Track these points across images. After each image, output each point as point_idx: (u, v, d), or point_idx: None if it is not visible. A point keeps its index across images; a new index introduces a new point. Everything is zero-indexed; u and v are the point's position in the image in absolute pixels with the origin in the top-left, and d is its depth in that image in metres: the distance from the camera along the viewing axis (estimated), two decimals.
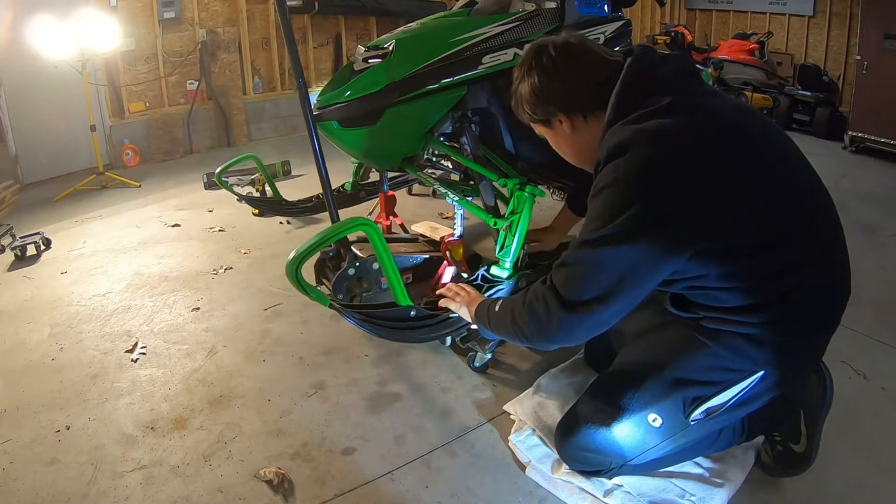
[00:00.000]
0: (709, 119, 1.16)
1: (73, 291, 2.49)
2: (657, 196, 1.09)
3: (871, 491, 1.40)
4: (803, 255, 1.18)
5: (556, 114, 1.30)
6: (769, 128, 1.26)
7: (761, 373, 1.22)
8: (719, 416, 1.27)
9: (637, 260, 1.10)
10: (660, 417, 1.28)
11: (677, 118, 1.13)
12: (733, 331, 1.21)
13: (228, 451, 1.57)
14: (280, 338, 2.11)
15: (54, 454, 1.56)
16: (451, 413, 1.71)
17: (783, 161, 1.23)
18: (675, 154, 1.11)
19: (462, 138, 2.12)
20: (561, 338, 1.21)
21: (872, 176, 3.91)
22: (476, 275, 1.95)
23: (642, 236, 1.08)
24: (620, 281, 1.11)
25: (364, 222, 1.59)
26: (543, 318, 1.19)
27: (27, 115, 3.91)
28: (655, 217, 1.09)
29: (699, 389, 1.25)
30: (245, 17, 4.87)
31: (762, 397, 1.28)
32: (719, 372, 1.24)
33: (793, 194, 1.20)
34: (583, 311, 1.14)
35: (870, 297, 2.25)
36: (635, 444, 1.32)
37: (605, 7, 2.18)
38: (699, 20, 6.81)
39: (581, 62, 1.26)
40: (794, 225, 1.18)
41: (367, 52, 2.08)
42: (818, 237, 1.22)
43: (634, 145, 1.11)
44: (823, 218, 1.25)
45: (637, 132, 1.13)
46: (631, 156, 1.10)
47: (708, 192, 1.10)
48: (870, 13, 4.33)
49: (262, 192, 3.39)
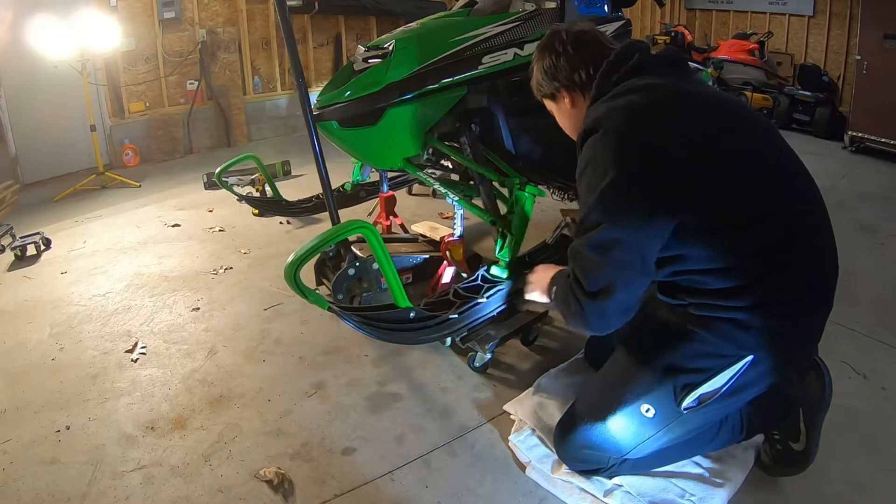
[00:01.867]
0: (678, 97, 1.26)
1: (73, 291, 2.49)
2: (628, 165, 1.18)
3: (871, 491, 1.40)
4: (785, 235, 1.21)
5: (561, 90, 1.45)
6: (747, 111, 1.35)
7: (750, 357, 1.23)
8: (713, 404, 1.28)
9: (629, 239, 1.17)
10: (653, 408, 1.31)
11: (647, 95, 1.24)
12: (720, 316, 1.23)
13: (228, 451, 1.57)
14: (280, 338, 2.11)
15: (54, 454, 1.56)
16: (451, 413, 1.71)
17: (763, 142, 1.28)
18: (643, 126, 1.21)
19: (462, 138, 2.13)
20: (597, 325, 1.26)
21: (872, 176, 3.91)
22: (476, 275, 1.95)
23: (625, 211, 1.17)
24: (623, 264, 1.17)
25: (362, 225, 1.59)
26: (576, 310, 1.25)
27: (27, 115, 3.91)
28: (631, 187, 1.17)
29: (689, 377, 1.27)
30: (245, 17, 4.88)
31: (755, 386, 1.29)
32: (708, 358, 1.26)
33: (769, 170, 1.25)
34: (604, 297, 1.19)
35: (870, 297, 2.25)
36: (631, 437, 1.34)
37: (605, 7, 2.18)
38: (699, 20, 6.82)
39: (587, 47, 1.41)
40: (773, 201, 1.22)
41: (367, 52, 2.08)
42: (800, 217, 1.25)
43: (605, 121, 1.23)
44: (804, 198, 1.28)
45: (609, 108, 1.25)
46: (603, 132, 1.22)
47: (677, 160, 1.18)
48: (870, 13, 4.33)
49: (262, 192, 3.40)
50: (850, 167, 4.10)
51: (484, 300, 1.84)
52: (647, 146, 1.19)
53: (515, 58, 2.02)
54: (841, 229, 1.30)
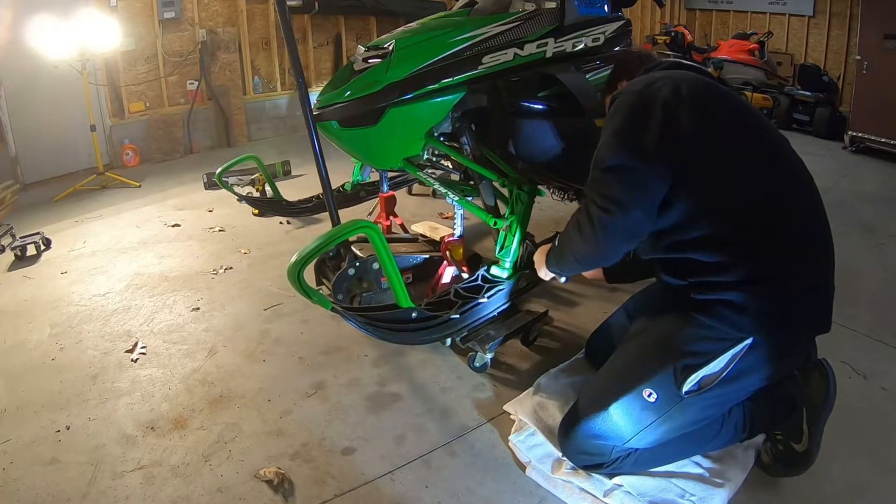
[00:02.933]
0: (698, 79, 1.42)
1: (73, 291, 2.49)
2: (644, 113, 1.34)
3: (871, 491, 1.40)
4: (778, 214, 1.31)
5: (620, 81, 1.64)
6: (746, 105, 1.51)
7: (749, 340, 1.28)
8: (713, 389, 1.31)
9: (638, 166, 1.30)
10: (654, 392, 1.33)
11: (671, 73, 1.43)
12: (716, 298, 1.29)
13: (228, 451, 1.57)
14: (280, 338, 2.11)
15: (54, 454, 1.56)
16: (451, 413, 1.71)
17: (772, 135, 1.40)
18: (661, 89, 1.36)
19: (462, 138, 2.12)
20: (605, 241, 1.35)
21: (872, 176, 3.91)
22: (476, 275, 1.95)
23: (637, 147, 1.32)
24: (631, 185, 1.31)
25: (366, 225, 1.59)
26: (587, 229, 1.36)
27: (27, 115, 3.91)
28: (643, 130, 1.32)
29: (689, 359, 1.32)
30: (245, 17, 4.88)
31: (755, 373, 1.32)
32: (707, 342, 1.31)
33: (771, 156, 1.36)
34: (614, 212, 1.31)
35: (870, 297, 2.25)
36: (634, 423, 1.35)
37: (605, 7, 2.18)
38: (699, 20, 6.82)
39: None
40: (769, 182, 1.33)
41: (367, 52, 2.08)
42: (795, 202, 1.34)
43: (631, 86, 1.44)
44: (796, 184, 1.37)
45: (634, 81, 1.47)
46: (628, 92, 1.41)
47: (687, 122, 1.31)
48: (870, 13, 4.33)
49: (263, 192, 3.40)
50: (850, 167, 4.10)
51: (485, 300, 1.84)
52: (663, 103, 1.33)
53: (515, 58, 2.02)
54: (841, 229, 1.31)
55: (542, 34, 2.04)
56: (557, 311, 2.21)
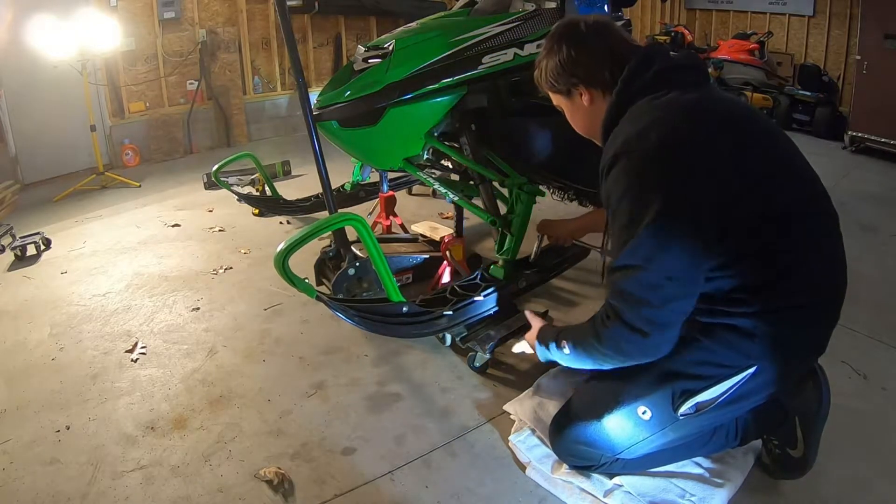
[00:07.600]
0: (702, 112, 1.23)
1: (73, 291, 2.49)
2: (672, 193, 1.14)
3: (871, 491, 1.40)
4: (798, 241, 1.19)
5: (578, 86, 1.35)
6: (766, 124, 1.31)
7: (753, 368, 1.21)
8: (709, 412, 1.26)
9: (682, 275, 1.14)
10: (649, 410, 1.29)
11: (673, 114, 1.21)
12: (725, 323, 1.21)
13: (228, 451, 1.57)
14: (280, 338, 2.11)
15: (54, 454, 1.56)
16: (451, 413, 1.71)
17: (781, 153, 1.27)
18: (676, 151, 1.16)
19: (462, 138, 2.13)
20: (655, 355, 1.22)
21: (872, 176, 3.91)
22: (476, 275, 1.95)
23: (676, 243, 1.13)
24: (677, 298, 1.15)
25: (352, 217, 1.60)
26: (631, 350, 1.22)
27: (27, 115, 3.91)
28: (681, 216, 1.13)
29: (689, 383, 1.25)
30: (245, 17, 4.87)
31: (753, 396, 1.27)
32: (710, 367, 1.24)
33: (784, 180, 1.23)
34: (660, 332, 1.17)
35: (870, 297, 2.24)
36: (625, 437, 1.33)
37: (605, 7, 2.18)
38: (699, 20, 6.81)
39: (608, 42, 1.31)
40: (787, 206, 1.20)
41: (367, 52, 2.08)
42: (811, 224, 1.23)
43: (636, 145, 1.18)
44: (817, 207, 1.26)
45: (637, 132, 1.19)
46: (636, 158, 1.17)
47: (714, 182, 1.15)
48: (870, 13, 4.33)
49: (262, 191, 3.39)
50: (850, 167, 4.10)
51: (480, 298, 1.83)
52: (686, 171, 1.15)
53: (515, 58, 2.02)
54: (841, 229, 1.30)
55: (542, 34, 2.04)
56: (557, 311, 2.21)
